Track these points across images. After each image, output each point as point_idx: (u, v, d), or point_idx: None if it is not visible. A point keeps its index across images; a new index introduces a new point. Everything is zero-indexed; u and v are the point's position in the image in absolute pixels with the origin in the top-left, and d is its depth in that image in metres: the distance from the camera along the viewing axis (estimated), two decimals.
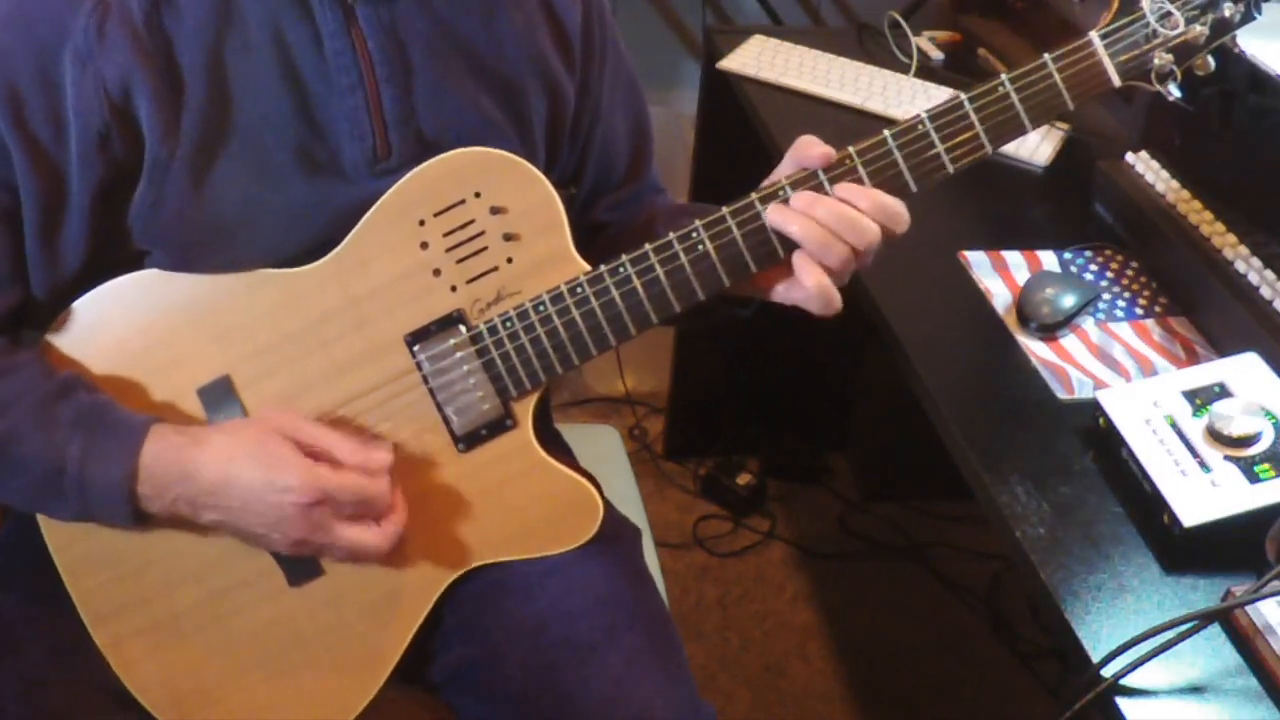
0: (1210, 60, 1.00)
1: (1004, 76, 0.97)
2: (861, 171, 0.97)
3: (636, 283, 1.00)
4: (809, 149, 0.97)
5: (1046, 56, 0.97)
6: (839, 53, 1.90)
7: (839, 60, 1.87)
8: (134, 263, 1.01)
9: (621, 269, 1.00)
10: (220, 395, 1.02)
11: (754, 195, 0.99)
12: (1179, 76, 0.99)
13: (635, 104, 1.22)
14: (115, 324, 1.02)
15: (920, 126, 0.97)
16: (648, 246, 1.00)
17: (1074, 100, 0.97)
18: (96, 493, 0.97)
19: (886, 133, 0.98)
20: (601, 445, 1.57)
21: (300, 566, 1.05)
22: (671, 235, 0.99)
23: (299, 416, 1.00)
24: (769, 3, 2.24)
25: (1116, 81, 0.98)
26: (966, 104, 0.97)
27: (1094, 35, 0.97)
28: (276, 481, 0.95)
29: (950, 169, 0.98)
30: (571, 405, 2.53)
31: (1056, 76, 0.97)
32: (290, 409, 1.01)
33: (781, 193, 0.98)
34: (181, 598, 1.06)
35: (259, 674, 1.08)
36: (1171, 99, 1.00)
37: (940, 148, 0.97)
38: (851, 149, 0.98)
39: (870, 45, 1.99)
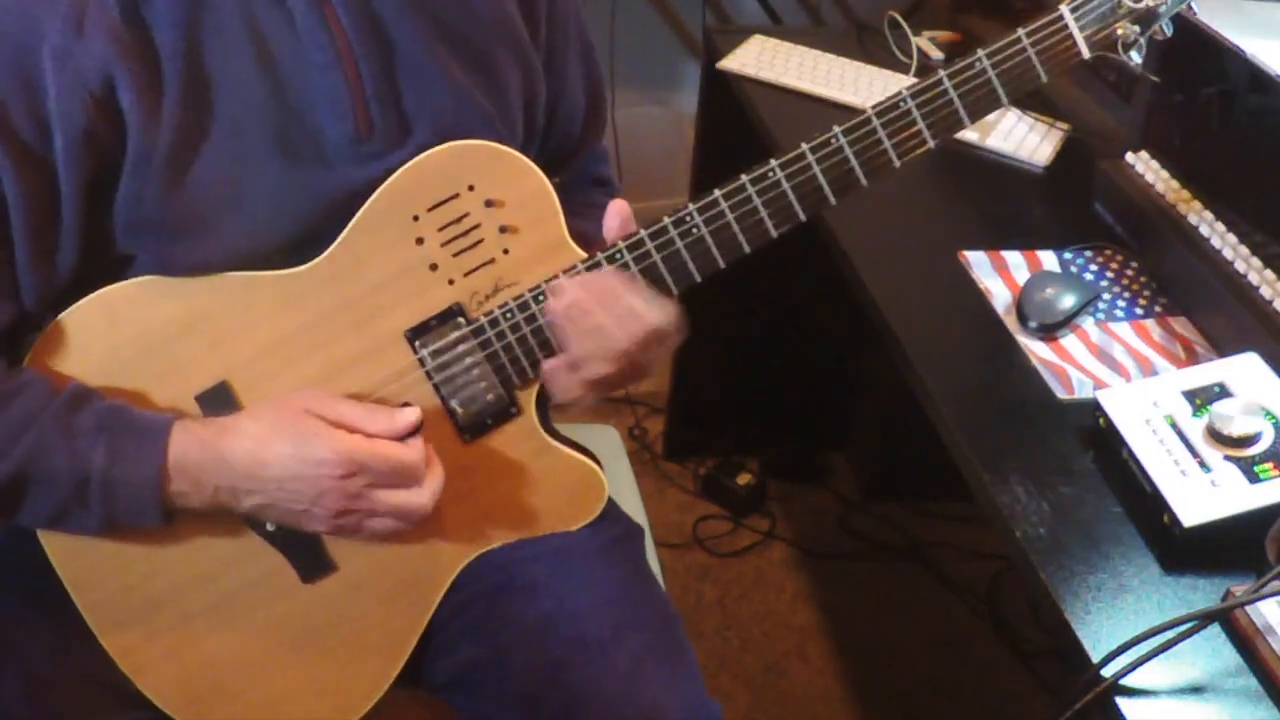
0: (1165, 27, 1.05)
1: (981, 53, 1.02)
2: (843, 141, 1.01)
3: (634, 270, 1.01)
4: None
5: (1020, 31, 1.02)
6: (839, 53, 1.90)
7: (839, 60, 1.88)
8: (121, 270, 1.00)
9: (619, 255, 1.01)
10: (219, 400, 1.02)
11: (745, 177, 1.02)
12: (1143, 45, 1.04)
13: (591, 68, 1.21)
14: (106, 335, 1.01)
15: (903, 104, 1.01)
16: (643, 232, 1.01)
17: (1047, 73, 1.02)
18: (125, 496, 0.96)
19: (870, 110, 1.01)
20: (601, 445, 1.57)
21: (312, 563, 1.05)
22: (667, 219, 1.01)
23: (322, 393, 1.00)
24: (769, 3, 2.24)
25: (1086, 53, 1.03)
26: (945, 80, 1.01)
27: (1064, 9, 1.02)
28: (310, 456, 0.95)
29: (931, 143, 1.02)
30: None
31: (1030, 50, 1.01)
32: (312, 388, 1.01)
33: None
34: (192, 601, 1.05)
35: (275, 667, 1.08)
36: (1133, 65, 1.05)
37: (922, 124, 1.01)
38: (805, 145, 1.01)
39: (870, 45, 1.99)
